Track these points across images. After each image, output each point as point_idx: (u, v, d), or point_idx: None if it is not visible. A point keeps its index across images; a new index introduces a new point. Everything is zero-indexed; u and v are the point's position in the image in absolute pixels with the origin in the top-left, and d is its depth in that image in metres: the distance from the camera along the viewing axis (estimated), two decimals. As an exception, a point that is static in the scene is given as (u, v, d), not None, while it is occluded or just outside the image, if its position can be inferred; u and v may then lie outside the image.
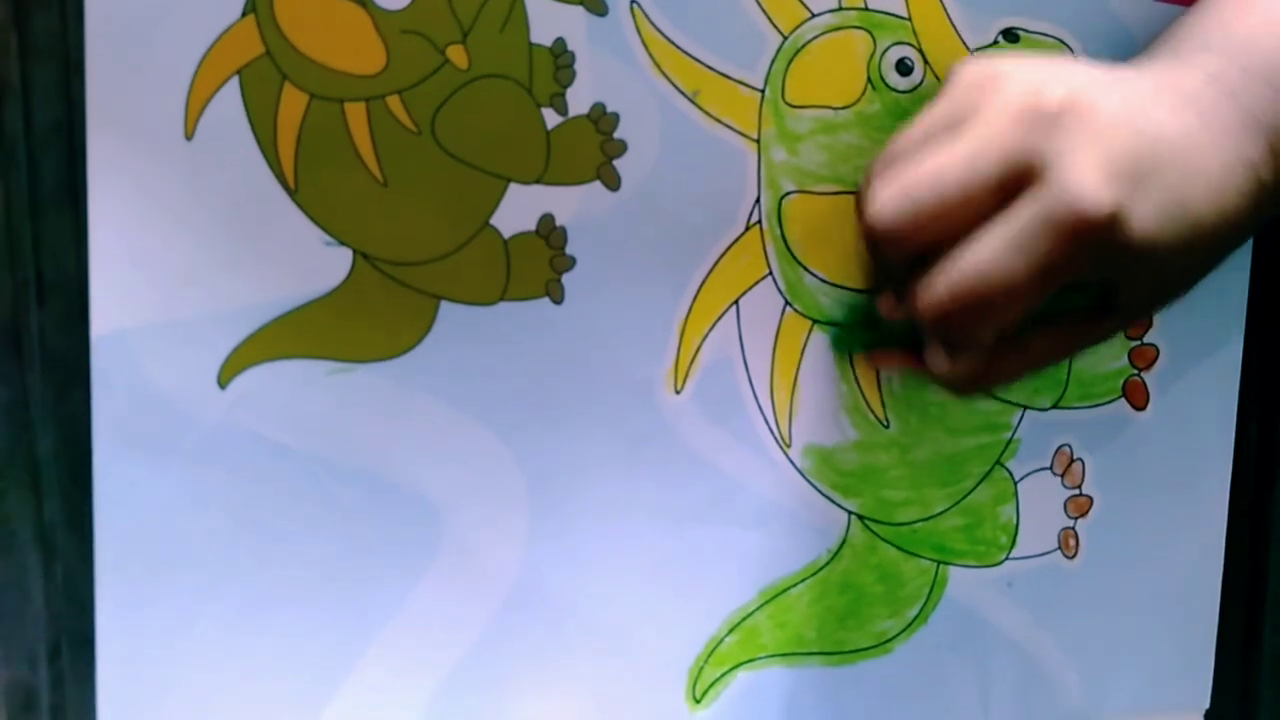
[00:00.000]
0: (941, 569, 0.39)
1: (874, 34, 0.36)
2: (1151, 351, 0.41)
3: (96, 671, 0.32)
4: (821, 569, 0.38)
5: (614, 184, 0.35)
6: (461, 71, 0.33)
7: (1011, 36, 0.37)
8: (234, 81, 0.31)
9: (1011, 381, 0.36)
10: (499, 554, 0.35)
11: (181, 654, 0.33)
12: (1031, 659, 0.41)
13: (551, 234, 0.34)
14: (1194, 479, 0.42)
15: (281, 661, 0.34)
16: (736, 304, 0.36)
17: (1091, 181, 0.29)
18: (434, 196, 0.33)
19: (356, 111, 0.32)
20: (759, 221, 0.36)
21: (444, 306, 0.34)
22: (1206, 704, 0.43)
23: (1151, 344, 0.41)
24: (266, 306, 0.32)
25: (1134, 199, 0.30)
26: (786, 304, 0.37)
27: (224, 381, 0.32)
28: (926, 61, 0.37)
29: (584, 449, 0.35)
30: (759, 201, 0.36)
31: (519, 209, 0.34)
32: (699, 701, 0.37)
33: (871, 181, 0.34)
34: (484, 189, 0.34)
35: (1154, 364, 0.41)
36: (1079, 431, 0.40)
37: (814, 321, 0.37)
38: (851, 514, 0.38)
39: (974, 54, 0.34)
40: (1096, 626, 0.41)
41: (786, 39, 0.35)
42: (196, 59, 0.31)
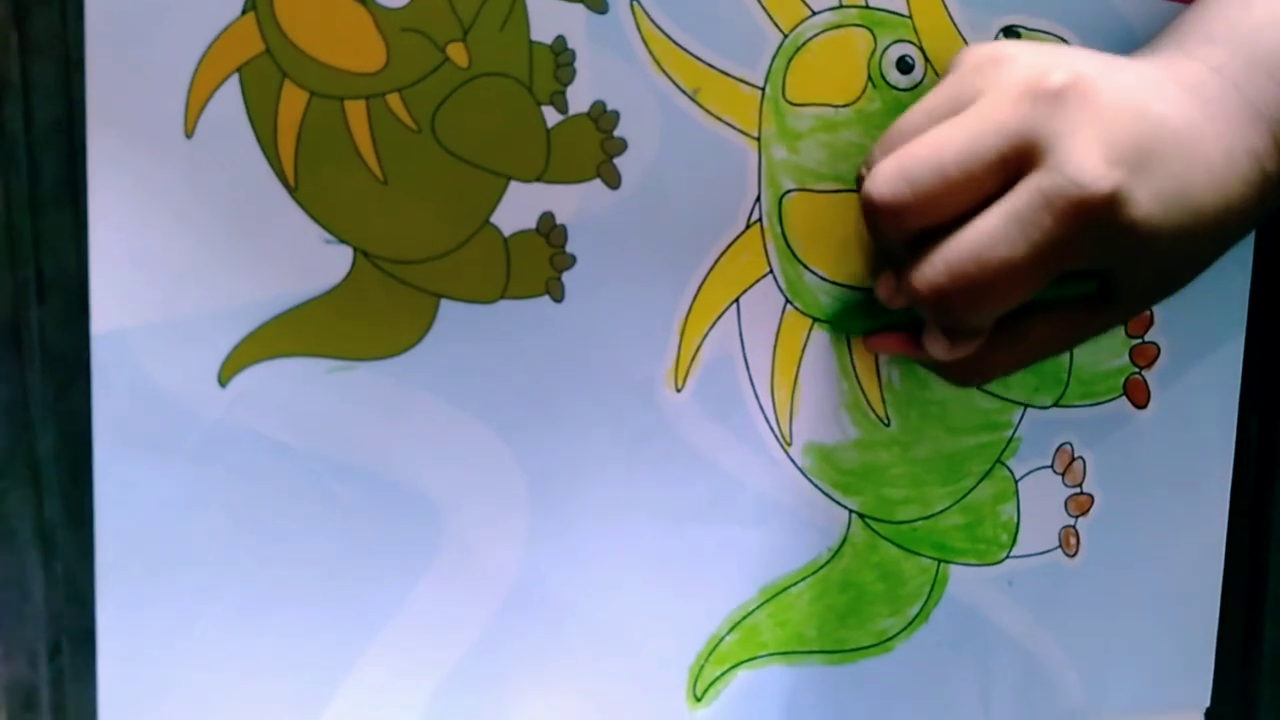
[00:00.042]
0: (942, 567, 0.39)
1: (875, 32, 0.36)
2: (1153, 349, 0.41)
3: (97, 669, 0.32)
4: (822, 567, 0.38)
5: (614, 182, 0.34)
6: (462, 69, 0.33)
7: (1012, 34, 0.37)
8: (234, 79, 0.31)
9: (1010, 372, 0.36)
10: (499, 553, 0.35)
11: (182, 652, 0.33)
12: (1032, 657, 0.41)
13: (552, 232, 0.34)
14: (1195, 477, 0.42)
15: (282, 660, 0.34)
16: (737, 302, 0.36)
17: (1093, 163, 0.29)
18: (434, 194, 0.33)
19: (357, 109, 0.32)
20: (759, 220, 0.36)
21: (444, 305, 0.34)
22: (1207, 702, 0.43)
23: (1153, 342, 0.41)
24: (267, 304, 0.32)
25: (1135, 183, 0.30)
26: (787, 302, 0.37)
27: (224, 379, 0.32)
28: (927, 59, 0.37)
29: (584, 447, 0.35)
30: (759, 200, 0.36)
31: (519, 207, 0.34)
32: (699, 700, 0.37)
33: (872, 161, 0.34)
34: (484, 187, 0.33)
35: (1155, 362, 0.41)
36: (1080, 430, 0.40)
37: (814, 320, 0.37)
38: (852, 512, 0.38)
39: (975, 44, 0.34)
40: (1097, 625, 0.41)
41: (787, 37, 0.35)
42: (196, 57, 0.31)
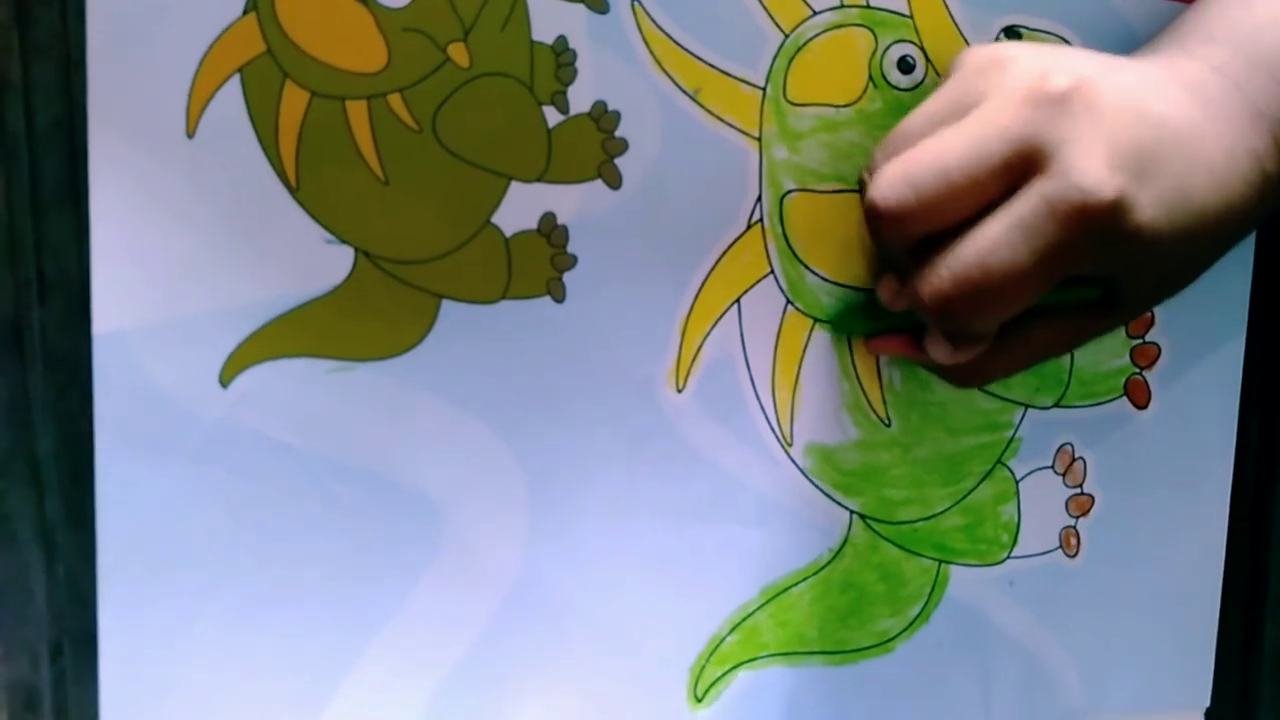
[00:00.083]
0: (943, 568, 0.39)
1: (876, 32, 0.36)
2: (1153, 350, 0.41)
3: (98, 670, 0.32)
4: (823, 568, 0.38)
5: (615, 182, 0.34)
6: (463, 70, 0.33)
7: (1013, 34, 0.37)
8: (235, 80, 0.31)
9: (1011, 374, 0.36)
10: (499, 552, 0.35)
11: (183, 653, 0.33)
12: (1033, 657, 0.41)
13: (553, 232, 0.34)
14: (1195, 478, 0.42)
15: (282, 660, 0.34)
16: (738, 303, 0.36)
17: (1096, 169, 0.29)
18: (435, 195, 0.33)
19: (358, 110, 0.32)
20: (760, 220, 0.36)
21: (445, 305, 0.34)
22: (1207, 702, 0.43)
23: (1153, 342, 0.41)
24: (268, 305, 0.32)
25: (1138, 187, 0.30)
26: (788, 303, 0.37)
27: (225, 380, 0.32)
28: (928, 59, 0.37)
29: (585, 447, 0.35)
30: (760, 200, 0.36)
31: (520, 207, 0.34)
32: (700, 701, 0.37)
33: (874, 165, 0.34)
34: (485, 187, 0.33)
35: (1156, 362, 0.41)
36: (1081, 430, 0.40)
37: (815, 320, 0.37)
38: (853, 513, 0.38)
39: (975, 45, 0.34)
40: (1098, 625, 0.41)
41: (788, 37, 0.35)
42: (198, 57, 0.31)
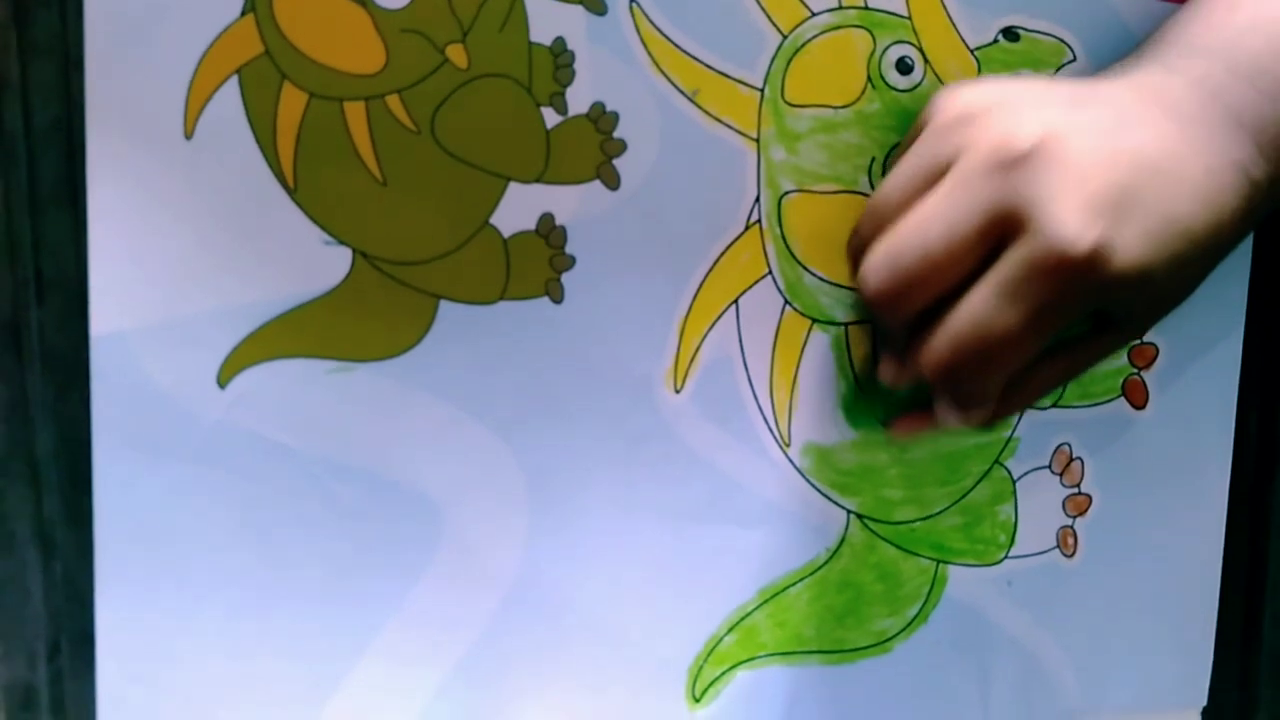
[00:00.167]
0: (941, 568, 0.39)
1: (874, 33, 0.36)
2: (1151, 350, 0.41)
3: (96, 669, 0.32)
4: (821, 568, 0.38)
5: (613, 183, 0.34)
6: (461, 71, 0.33)
7: (1012, 35, 0.37)
8: (233, 80, 0.31)
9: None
10: (499, 552, 0.35)
11: (181, 652, 0.33)
12: (1031, 657, 0.41)
13: (551, 233, 0.34)
14: (1193, 478, 0.42)
15: (282, 659, 0.34)
16: (736, 303, 0.36)
17: (1071, 222, 0.29)
18: (433, 196, 0.33)
19: (356, 111, 0.32)
20: (758, 220, 0.36)
21: (443, 306, 0.34)
22: (1204, 701, 0.43)
23: (1151, 343, 0.41)
24: (266, 306, 0.32)
25: (1117, 229, 0.30)
26: (786, 303, 0.37)
27: (223, 381, 0.32)
28: (927, 60, 0.37)
29: (584, 448, 0.35)
30: (758, 200, 0.36)
31: (518, 208, 0.34)
32: (698, 700, 0.37)
33: (860, 237, 0.35)
34: (483, 188, 0.34)
35: (1153, 363, 0.41)
36: (1078, 430, 0.40)
37: (813, 321, 0.37)
38: (850, 513, 0.38)
39: (948, 88, 0.34)
40: (1095, 624, 0.41)
41: (786, 38, 0.35)
42: (196, 58, 0.31)
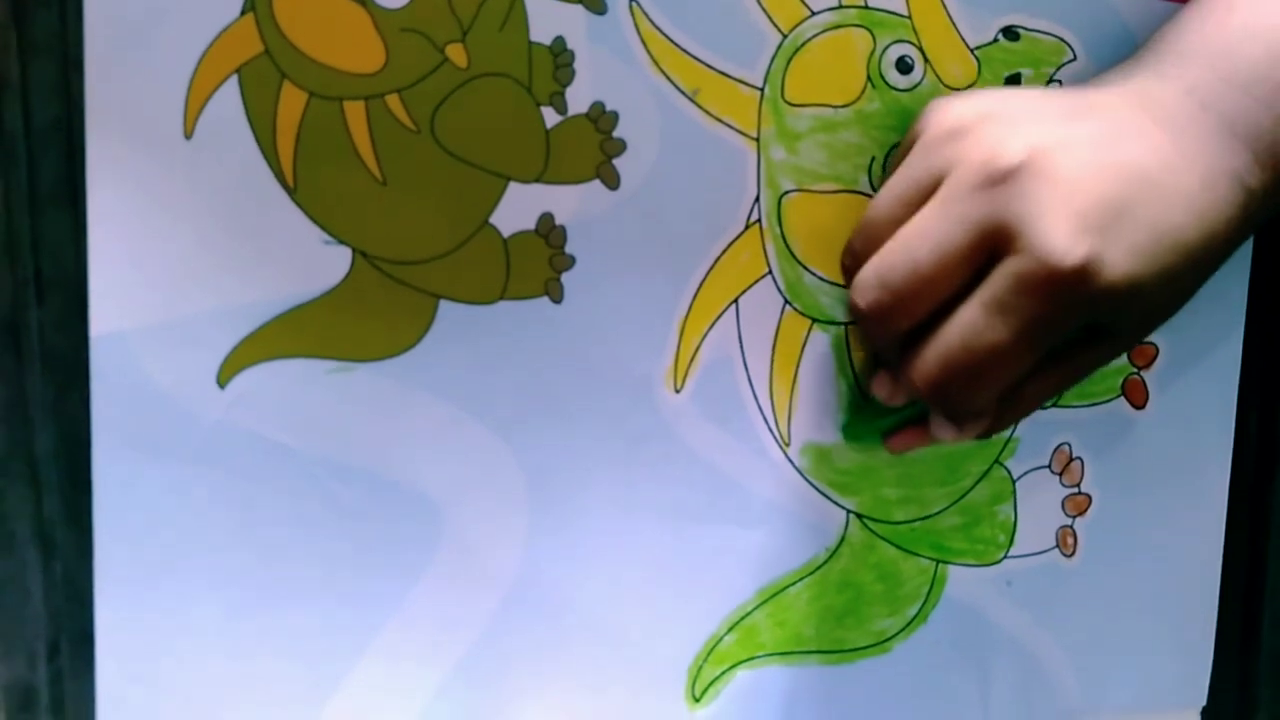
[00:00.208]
0: (940, 568, 0.39)
1: (874, 32, 0.36)
2: (1151, 350, 0.41)
3: (95, 669, 0.32)
4: (820, 567, 0.38)
5: (613, 183, 0.34)
6: (461, 70, 0.33)
7: (1012, 34, 0.37)
8: (233, 80, 0.31)
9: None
10: (498, 552, 0.35)
11: (180, 652, 0.33)
12: (1031, 657, 0.41)
13: (551, 233, 0.34)
14: (1193, 478, 0.42)
15: (281, 659, 0.34)
16: (736, 303, 0.36)
17: (1060, 236, 0.29)
18: (433, 195, 0.33)
19: (356, 110, 0.32)
20: (758, 220, 0.36)
21: (443, 305, 0.34)
22: (1203, 701, 0.43)
23: (1151, 342, 0.41)
24: (266, 305, 0.32)
25: (1108, 243, 0.30)
26: (786, 303, 0.37)
27: (223, 381, 0.32)
28: (927, 59, 0.37)
29: (583, 448, 0.35)
30: (758, 200, 0.36)
31: (518, 208, 0.34)
32: (698, 700, 0.37)
33: (853, 253, 0.35)
34: (483, 188, 0.33)
35: (1153, 362, 0.41)
36: (1078, 430, 0.40)
37: (813, 320, 0.37)
38: (850, 512, 0.38)
39: (939, 100, 0.34)
40: (1095, 624, 0.41)
41: (786, 37, 0.35)
42: (196, 57, 0.31)
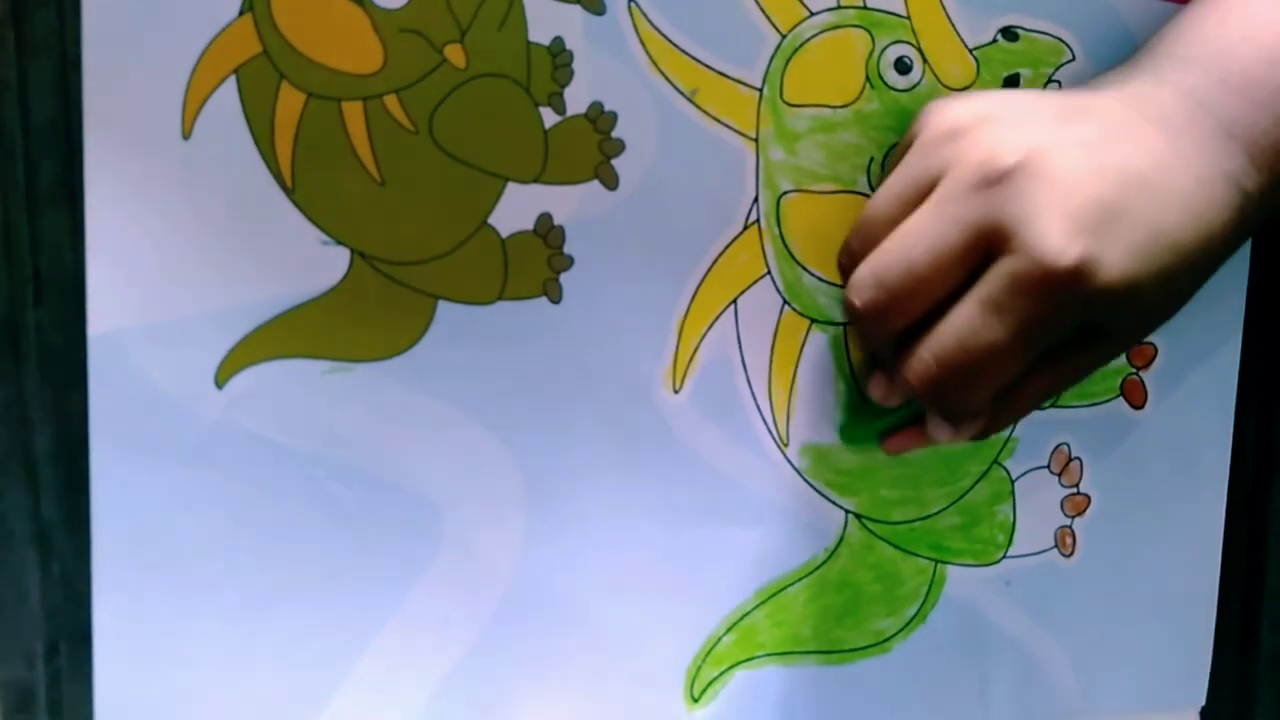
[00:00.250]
0: (939, 568, 0.39)
1: (872, 32, 0.36)
2: (1150, 350, 0.41)
3: (93, 670, 0.32)
4: (819, 568, 0.38)
5: (612, 183, 0.34)
6: (459, 70, 0.33)
7: (1010, 35, 0.37)
8: (231, 80, 0.31)
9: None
10: (497, 553, 0.35)
11: (178, 653, 0.33)
12: (1030, 657, 0.41)
13: (549, 233, 0.34)
14: (1192, 478, 0.42)
15: (280, 660, 0.34)
16: (735, 303, 0.36)
17: (1055, 236, 0.29)
18: (432, 196, 0.33)
19: (354, 111, 0.32)
20: (757, 220, 0.36)
21: (442, 306, 0.34)
22: (1202, 701, 0.43)
23: (1150, 343, 0.41)
24: (264, 306, 0.32)
25: (1104, 245, 0.30)
26: (785, 303, 0.37)
27: (221, 381, 0.32)
28: (925, 60, 0.37)
29: (582, 448, 0.35)
30: (757, 200, 0.36)
31: (517, 208, 0.34)
32: (697, 701, 0.37)
33: (849, 253, 0.35)
34: (482, 188, 0.33)
35: (1152, 363, 0.41)
36: (1077, 430, 0.40)
37: (812, 321, 0.37)
38: (849, 513, 0.38)
39: (936, 102, 0.34)
40: (1094, 624, 0.41)
41: (785, 38, 0.35)
42: (194, 57, 0.31)
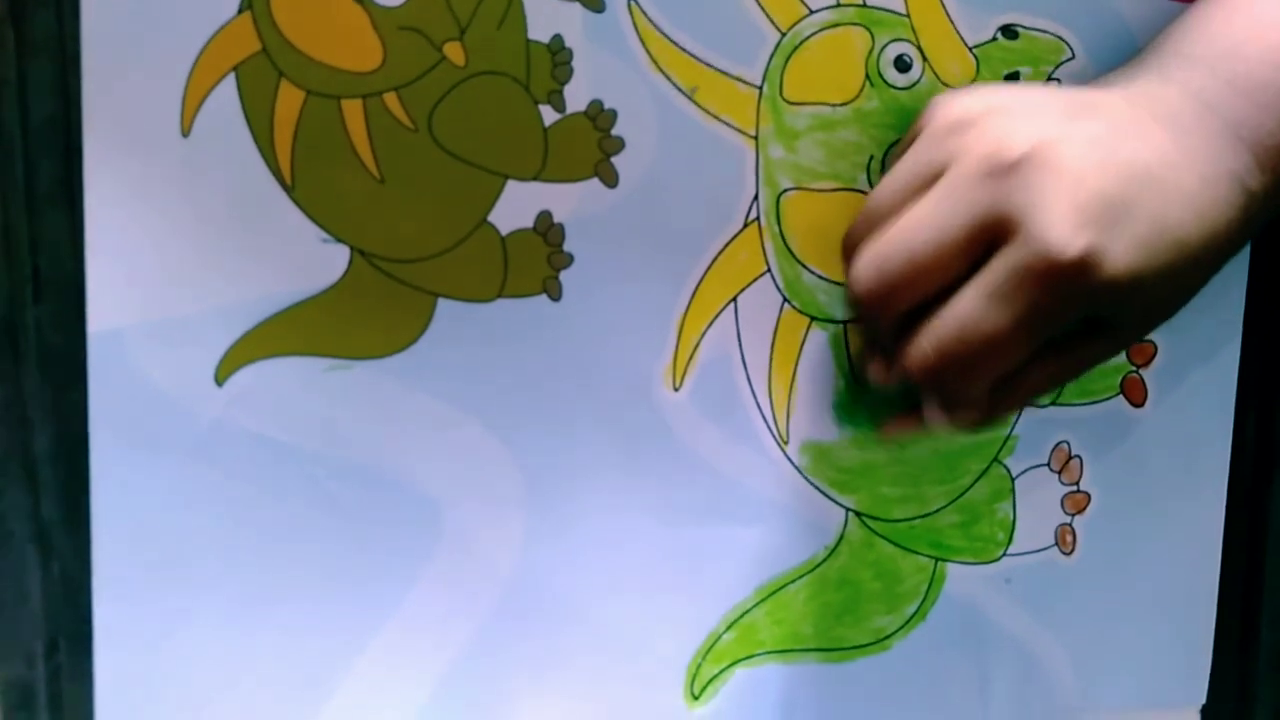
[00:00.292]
0: (939, 566, 0.39)
1: (872, 30, 0.36)
2: (1150, 348, 0.41)
3: (94, 669, 0.32)
4: (819, 565, 0.38)
5: (612, 181, 0.34)
6: (459, 68, 0.33)
7: (1010, 33, 0.37)
8: (230, 78, 0.31)
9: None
10: (497, 551, 0.35)
11: (179, 651, 0.33)
12: (1030, 655, 0.41)
13: (549, 231, 0.34)
14: (1192, 476, 0.42)
15: (280, 659, 0.34)
16: (735, 301, 0.36)
17: (1061, 227, 0.29)
18: (431, 193, 0.33)
19: (353, 108, 0.32)
20: (757, 218, 0.36)
21: (441, 304, 0.34)
22: (1203, 699, 0.43)
23: (1150, 341, 0.41)
24: (263, 304, 0.32)
25: (1109, 237, 0.30)
26: (785, 301, 0.37)
27: (221, 379, 0.32)
28: (925, 58, 0.37)
29: (582, 446, 0.35)
30: (757, 198, 0.36)
31: (516, 206, 0.34)
32: (697, 699, 0.37)
33: (853, 240, 0.34)
34: (481, 186, 0.33)
35: (1152, 360, 0.41)
36: (1077, 428, 0.40)
37: (812, 318, 0.37)
38: (849, 510, 0.38)
39: (945, 94, 0.34)
40: (1094, 622, 0.41)
41: (785, 35, 0.35)
42: (193, 56, 0.31)
